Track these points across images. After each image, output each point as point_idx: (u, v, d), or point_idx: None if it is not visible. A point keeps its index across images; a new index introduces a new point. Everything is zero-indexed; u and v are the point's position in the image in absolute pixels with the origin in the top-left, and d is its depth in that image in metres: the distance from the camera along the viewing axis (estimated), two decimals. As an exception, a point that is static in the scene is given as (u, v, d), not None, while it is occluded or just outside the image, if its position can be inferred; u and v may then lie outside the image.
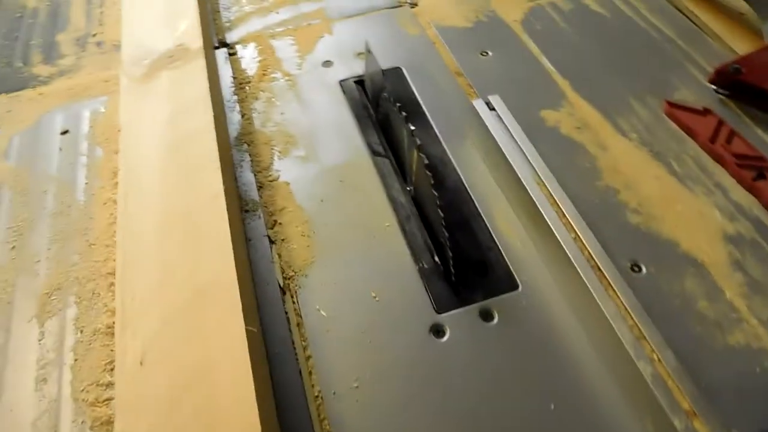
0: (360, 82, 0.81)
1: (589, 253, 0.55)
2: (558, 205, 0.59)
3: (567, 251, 0.55)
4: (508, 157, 0.63)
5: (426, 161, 0.57)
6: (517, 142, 0.65)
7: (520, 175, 0.62)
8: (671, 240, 0.61)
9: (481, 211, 0.65)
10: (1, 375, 0.56)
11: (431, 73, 0.81)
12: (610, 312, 0.52)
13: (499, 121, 0.67)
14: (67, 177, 0.73)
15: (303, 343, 0.56)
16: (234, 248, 0.53)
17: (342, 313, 0.58)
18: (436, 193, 0.56)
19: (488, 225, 0.64)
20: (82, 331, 0.59)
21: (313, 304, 0.59)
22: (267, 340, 0.56)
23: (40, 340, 0.58)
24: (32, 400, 0.54)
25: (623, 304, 0.52)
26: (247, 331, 0.46)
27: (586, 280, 0.53)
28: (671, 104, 0.72)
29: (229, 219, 0.56)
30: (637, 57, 0.81)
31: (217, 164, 0.59)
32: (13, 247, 0.66)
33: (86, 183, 0.72)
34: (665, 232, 0.61)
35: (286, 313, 0.58)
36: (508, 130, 0.66)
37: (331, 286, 0.60)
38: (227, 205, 0.58)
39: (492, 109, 0.68)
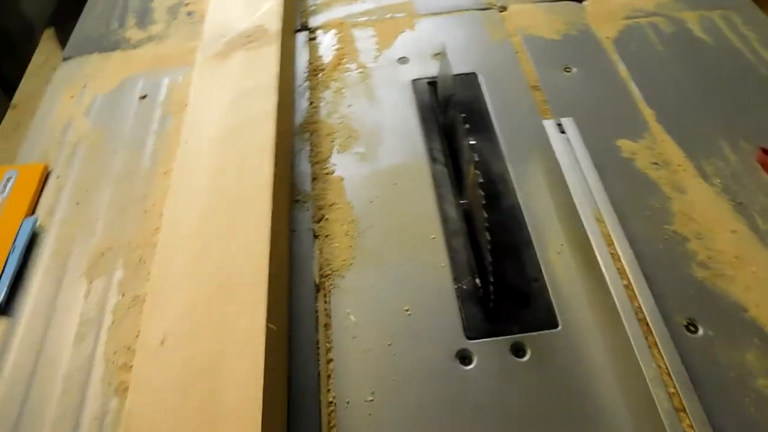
0: (433, 83, 0.79)
1: (639, 306, 0.51)
2: (614, 245, 0.55)
3: (615, 298, 0.51)
4: (569, 185, 0.60)
5: (480, 180, 0.55)
6: (581, 171, 0.61)
7: (578, 207, 0.58)
8: (738, 303, 0.55)
9: (533, 239, 0.62)
10: (48, 324, 0.59)
11: (507, 84, 0.77)
12: (650, 374, 0.48)
13: (568, 145, 0.63)
14: (136, 142, 0.75)
15: (327, 345, 0.56)
16: (272, 242, 0.53)
17: (371, 321, 0.57)
18: (485, 215, 0.54)
19: (538, 254, 0.60)
20: (123, 295, 0.61)
21: (345, 307, 0.58)
22: (292, 336, 0.56)
23: (85, 297, 0.61)
24: (69, 354, 0.57)
25: (666, 367, 0.48)
26: (267, 328, 0.46)
27: (629, 334, 0.49)
28: (767, 152, 0.65)
29: (278, 207, 0.56)
30: (737, 94, 0.74)
31: (271, 154, 0.59)
32: (78, 204, 0.70)
33: (153, 150, 0.74)
34: (733, 293, 0.56)
35: (317, 312, 0.58)
36: (575, 156, 0.62)
37: (366, 292, 0.59)
38: (278, 192, 0.58)
39: (562, 131, 0.64)
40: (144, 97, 0.81)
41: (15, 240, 0.65)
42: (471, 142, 0.57)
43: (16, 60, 0.99)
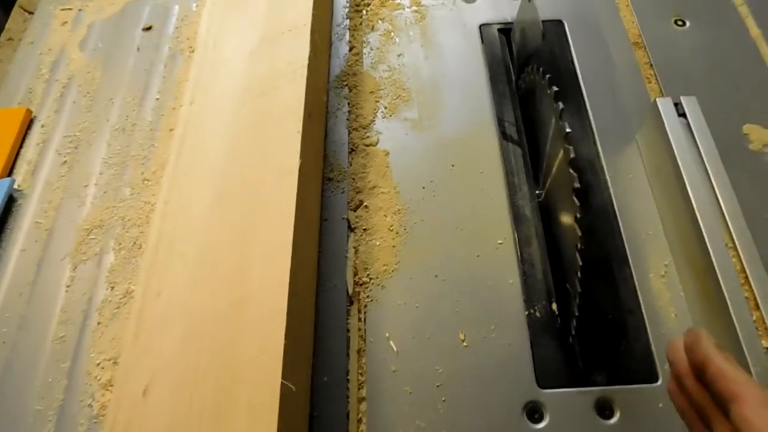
0: (506, 31, 0.62)
1: (785, 377, 0.38)
2: (750, 285, 0.41)
3: (749, 361, 0.38)
4: (689, 190, 0.45)
5: (577, 185, 0.40)
6: (707, 172, 0.46)
7: (701, 222, 0.44)
8: None
9: (629, 253, 0.48)
10: (23, 319, 0.49)
11: (602, 38, 0.61)
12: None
13: (687, 132, 0.48)
14: (138, 86, 0.62)
15: (360, 378, 0.44)
16: (296, 246, 0.40)
17: (417, 351, 0.45)
18: (579, 233, 0.40)
19: (635, 276, 0.47)
20: (113, 288, 0.50)
21: (384, 328, 0.46)
22: (316, 360, 0.44)
23: (68, 287, 0.50)
24: (46, 360, 0.47)
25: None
26: (282, 386, 0.34)
27: None
28: None
29: (304, 193, 0.43)
30: None
31: (299, 125, 0.45)
32: (65, 162, 0.57)
33: (157, 99, 0.61)
34: None
35: (348, 331, 0.46)
36: (698, 149, 0.47)
37: (411, 310, 0.47)
38: (306, 175, 0.44)
39: (681, 114, 0.49)
40: (149, 28, 0.66)
41: (-13, 206, 0.53)
42: (567, 130, 0.42)
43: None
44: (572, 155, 0.41)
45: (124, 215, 0.53)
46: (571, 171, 0.41)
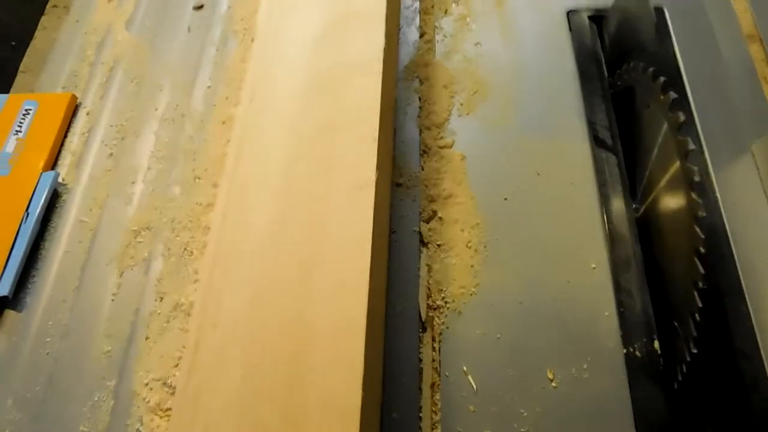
0: (598, 18, 0.55)
1: None
2: None
3: None
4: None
5: (702, 213, 0.34)
6: None
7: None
8: None
9: (745, 288, 0.42)
10: (67, 329, 0.45)
11: (710, 29, 0.53)
12: None
13: (823, 149, 0.41)
14: (188, 71, 0.57)
15: (433, 416, 0.40)
16: (372, 275, 0.35)
17: (499, 388, 0.40)
18: (702, 270, 0.34)
19: (752, 314, 0.41)
20: (162, 300, 0.46)
21: (461, 361, 0.41)
22: (385, 395, 0.40)
23: (113, 295, 0.46)
24: (91, 376, 0.43)
25: None
26: (361, 445, 0.29)
27: None
28: None
29: (378, 207, 0.38)
30: None
31: (375, 131, 0.39)
32: (111, 154, 0.53)
33: (209, 87, 0.56)
34: None
35: (421, 362, 0.41)
36: (838, 171, 0.40)
37: (492, 341, 0.41)
38: (380, 185, 0.39)
39: (815, 126, 0.42)
40: (200, 6, 0.61)
41: (30, 202, 0.49)
42: (690, 147, 0.35)
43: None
44: (697, 178, 0.35)
45: (174, 216, 0.49)
46: (695, 196, 0.35)
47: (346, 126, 0.40)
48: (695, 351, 0.37)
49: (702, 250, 0.34)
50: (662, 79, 0.41)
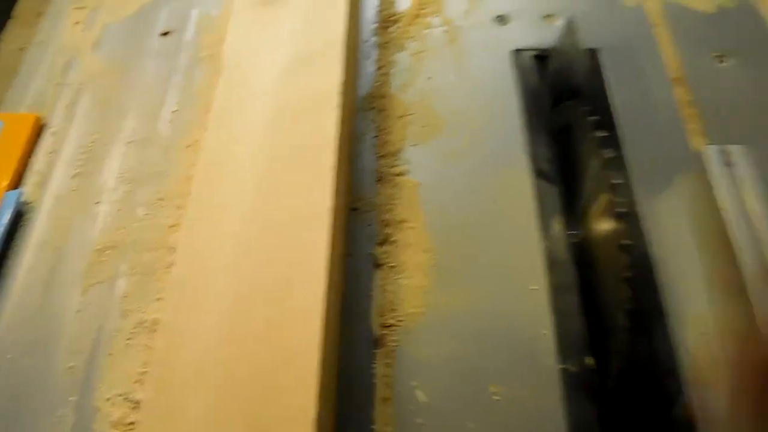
0: (543, 57, 0.60)
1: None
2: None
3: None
4: (738, 251, 0.43)
5: (627, 241, 0.38)
6: (755, 226, 0.44)
7: (750, 289, 0.42)
8: None
9: (668, 309, 0.46)
10: (32, 345, 0.46)
11: (640, 71, 0.58)
12: None
13: (734, 186, 0.46)
14: (155, 96, 0.59)
15: (385, 429, 0.42)
16: (328, 297, 0.38)
17: (446, 402, 0.43)
18: (629, 294, 0.38)
19: (675, 334, 0.45)
20: (126, 317, 0.47)
21: (412, 377, 0.44)
22: (341, 408, 0.42)
23: (77, 311, 0.48)
24: (54, 391, 0.44)
25: None
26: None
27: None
28: None
29: (336, 227, 0.41)
30: None
31: (333, 161, 0.42)
32: (76, 175, 0.55)
33: (174, 111, 0.58)
34: None
35: (373, 378, 0.44)
36: (747, 206, 0.45)
37: (440, 358, 0.44)
38: (342, 201, 0.43)
39: (728, 164, 0.47)
40: (167, 33, 0.63)
41: (-7, 221, 0.50)
42: (617, 181, 0.40)
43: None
44: (622, 210, 0.39)
45: (138, 237, 0.51)
46: (618, 223, 0.39)
47: (307, 155, 0.44)
48: (622, 367, 0.41)
49: (628, 274, 0.38)
50: (594, 118, 0.45)
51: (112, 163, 0.55)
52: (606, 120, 0.55)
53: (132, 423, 0.42)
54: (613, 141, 0.53)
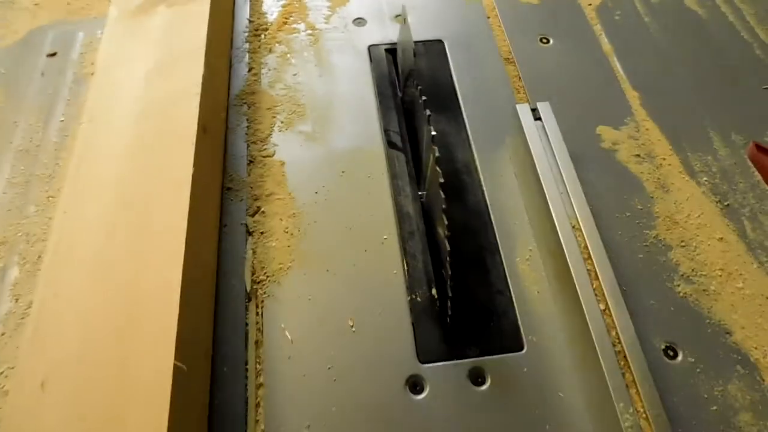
0: (392, 50, 0.69)
1: (617, 335, 0.44)
2: (592, 260, 0.48)
3: (590, 325, 0.45)
4: (543, 183, 0.52)
5: (441, 180, 0.46)
6: (557, 167, 0.53)
7: (552, 210, 0.50)
8: (722, 325, 0.49)
9: (500, 243, 0.54)
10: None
11: (477, 55, 0.68)
12: (625, 416, 0.41)
13: (543, 134, 0.55)
14: (43, 109, 0.64)
15: (258, 366, 0.48)
16: (188, 253, 0.43)
17: (310, 338, 0.49)
18: (446, 221, 0.46)
19: (504, 262, 0.53)
20: (17, 300, 0.51)
21: (280, 320, 0.50)
22: (216, 353, 0.48)
23: (-28, 301, 0.52)
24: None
25: (644, 409, 0.41)
26: (175, 367, 0.37)
27: (605, 368, 0.43)
28: (759, 147, 0.59)
29: (200, 201, 0.47)
30: (731, 78, 0.66)
31: (193, 139, 0.49)
32: (-33, 184, 0.59)
33: (62, 121, 0.63)
34: (717, 313, 0.50)
35: (247, 326, 0.50)
36: (552, 149, 0.54)
37: (305, 303, 0.51)
38: (201, 184, 0.49)
39: (538, 118, 0.56)
40: (53, 54, 0.69)
41: None
42: (432, 133, 0.48)
43: None
44: (437, 154, 0.47)
45: (29, 231, 0.55)
46: (437, 168, 0.47)
47: (171, 138, 0.50)
48: (456, 288, 0.48)
49: (444, 206, 0.45)
50: (424, 98, 0.53)
51: (5, 170, 0.59)
52: (448, 95, 0.64)
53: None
54: (449, 108, 0.61)
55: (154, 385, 0.37)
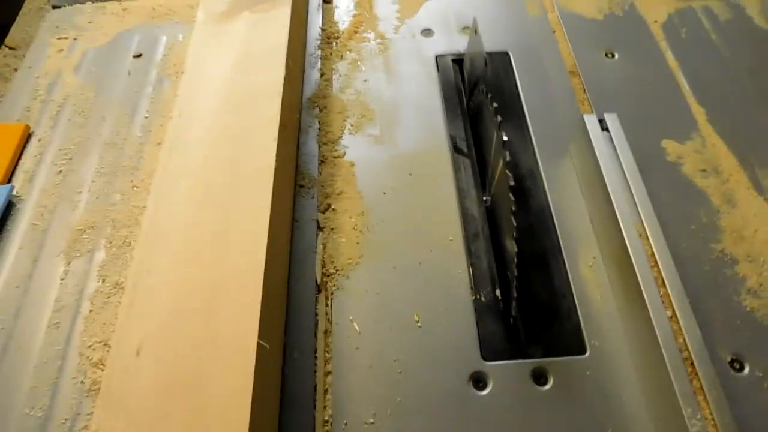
0: (459, 61, 0.71)
1: (684, 342, 0.45)
2: (658, 267, 0.48)
3: (657, 331, 0.45)
4: (610, 191, 0.53)
5: (512, 183, 0.48)
6: (625, 176, 0.54)
7: (619, 217, 0.51)
8: (790, 340, 0.49)
9: (563, 248, 0.55)
10: (19, 309, 0.54)
11: (543, 67, 0.69)
12: (692, 418, 0.42)
13: (610, 145, 0.56)
14: (129, 106, 0.68)
15: (326, 355, 0.50)
16: (271, 239, 0.46)
17: (377, 331, 0.51)
18: (515, 224, 0.47)
19: (568, 267, 0.54)
20: (104, 280, 0.55)
21: (348, 313, 0.52)
22: (288, 340, 0.50)
23: (62, 279, 0.55)
24: (40, 344, 0.51)
25: (712, 416, 0.42)
26: (258, 345, 0.40)
27: (672, 375, 0.43)
28: (831, 165, 0.58)
29: (280, 194, 0.50)
30: (800, 95, 0.66)
31: (275, 133, 0.52)
32: (60, 172, 0.63)
33: (146, 117, 0.67)
34: (785, 327, 0.50)
35: (316, 315, 0.52)
36: (618, 159, 0.55)
37: (372, 297, 0.53)
38: (282, 176, 0.51)
39: (605, 129, 0.57)
40: (139, 56, 0.73)
41: (-13, 210, 0.58)
42: (504, 138, 0.49)
43: (4, 3, 0.90)
44: (508, 159, 0.49)
45: (115, 217, 0.59)
46: (508, 172, 0.48)
47: (253, 132, 0.53)
48: (521, 290, 0.49)
49: (513, 209, 0.47)
50: (495, 104, 0.55)
51: (92, 161, 0.63)
52: (513, 105, 0.66)
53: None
54: (515, 117, 0.63)
55: (239, 359, 0.39)
